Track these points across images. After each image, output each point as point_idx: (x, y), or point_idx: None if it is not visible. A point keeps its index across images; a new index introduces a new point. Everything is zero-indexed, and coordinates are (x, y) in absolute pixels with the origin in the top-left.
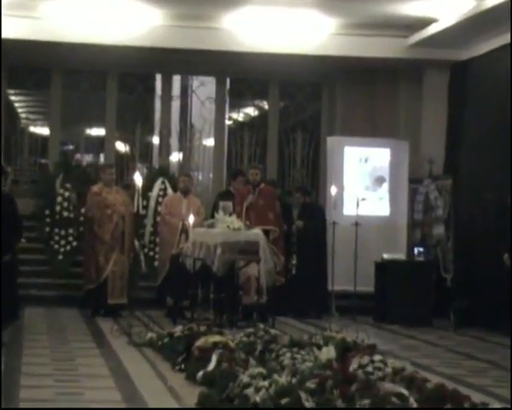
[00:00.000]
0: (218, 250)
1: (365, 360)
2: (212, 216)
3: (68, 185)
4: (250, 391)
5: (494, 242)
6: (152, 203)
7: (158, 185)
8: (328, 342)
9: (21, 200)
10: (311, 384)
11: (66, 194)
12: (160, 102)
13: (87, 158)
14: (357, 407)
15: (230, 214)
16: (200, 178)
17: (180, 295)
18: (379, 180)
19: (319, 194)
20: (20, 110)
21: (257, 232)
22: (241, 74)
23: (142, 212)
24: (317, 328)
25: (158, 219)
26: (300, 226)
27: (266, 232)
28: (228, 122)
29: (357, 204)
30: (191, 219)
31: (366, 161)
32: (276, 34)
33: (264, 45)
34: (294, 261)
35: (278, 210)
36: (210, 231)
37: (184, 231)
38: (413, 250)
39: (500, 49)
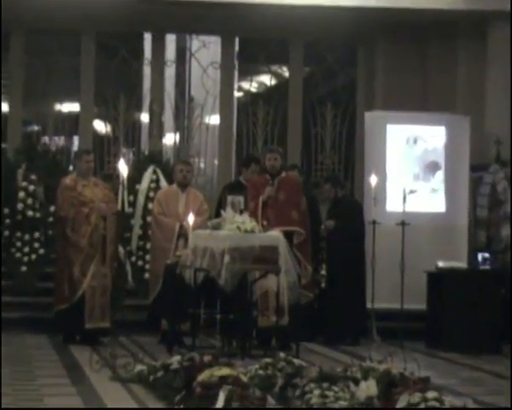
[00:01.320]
0: (226, 258)
1: (416, 397)
2: (218, 215)
3: (33, 177)
4: None
5: None
6: (141, 199)
7: (148, 176)
8: (368, 376)
9: None
10: None
11: (31, 188)
12: (149, 69)
13: (57, 142)
14: None
15: (241, 212)
16: (202, 166)
17: (177, 317)
18: (432, 167)
19: (355, 185)
20: None
21: (276, 235)
22: (254, 33)
23: (128, 210)
24: (354, 357)
25: (149, 219)
26: (331, 227)
27: (288, 235)
28: (237, 94)
29: (404, 198)
30: (191, 219)
31: (415, 142)
32: None
33: None
34: (324, 272)
35: (304, 206)
36: (215, 233)
37: (183, 234)
38: (476, 257)
39: None
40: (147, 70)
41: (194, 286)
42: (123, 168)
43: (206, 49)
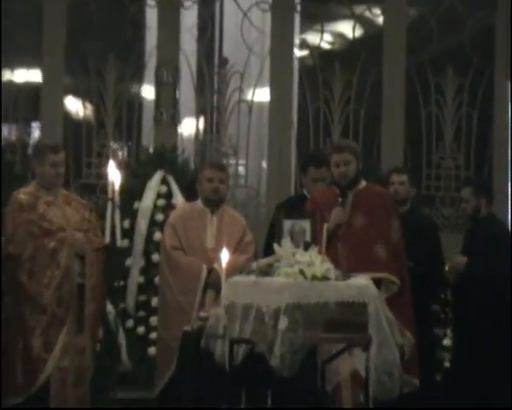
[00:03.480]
0: (283, 323)
1: None
2: (269, 251)
3: None
4: None
5: None
6: (142, 225)
7: (154, 188)
8: None
9: None
10: None
11: None
12: (155, 13)
13: (5, 132)
14: None
15: (307, 246)
16: (242, 170)
17: None
18: None
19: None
20: None
21: (364, 284)
22: None
23: (121, 244)
24: None
25: (155, 258)
26: (461, 267)
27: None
28: (299, 53)
29: None
30: (226, 257)
31: None
32: None
33: None
34: (449, 341)
35: (398, 238)
36: (265, 282)
37: (212, 282)
38: None
39: None
40: (151, 15)
41: (230, 368)
42: (113, 175)
43: None
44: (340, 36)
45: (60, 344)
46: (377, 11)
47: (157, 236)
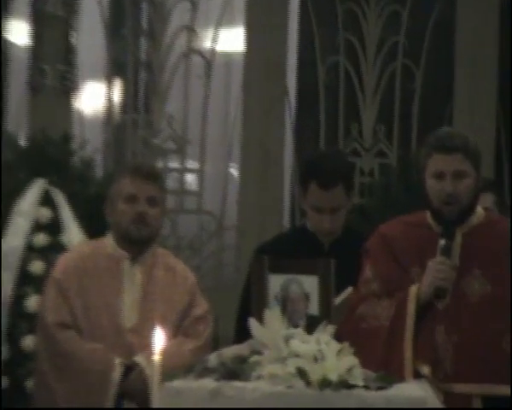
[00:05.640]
0: None
1: None
2: (241, 332)
3: None
4: None
5: None
6: (5, 284)
7: (27, 211)
8: None
9: None
10: None
11: None
12: None
13: None
14: None
15: (313, 324)
16: (193, 182)
17: None
18: None
19: None
20: None
21: (419, 396)
22: None
23: None
24: None
25: (26, 342)
26: None
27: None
28: None
29: None
30: (159, 344)
31: None
32: None
33: None
34: None
35: None
36: (232, 390)
37: (132, 391)
38: None
39: None
40: None
41: None
42: None
43: None
44: None
45: None
46: None
47: (32, 302)
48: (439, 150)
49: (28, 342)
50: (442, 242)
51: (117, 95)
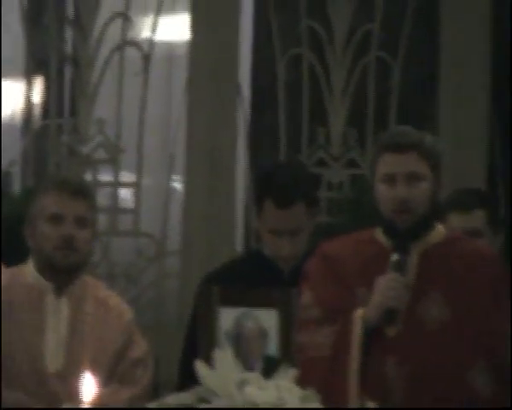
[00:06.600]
0: None
1: None
2: (186, 375)
3: None
4: None
5: None
6: None
7: None
8: None
9: None
10: None
11: None
12: None
13: None
14: None
15: (271, 366)
16: (128, 198)
17: None
18: None
19: None
20: None
21: None
22: None
23: None
24: None
25: None
26: None
27: None
28: None
29: None
30: (89, 392)
31: None
32: None
33: None
34: None
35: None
36: None
37: None
38: None
39: None
40: None
41: None
42: None
43: None
44: None
45: None
46: None
47: None
48: (390, 149)
49: None
50: (394, 256)
51: (37, 96)
